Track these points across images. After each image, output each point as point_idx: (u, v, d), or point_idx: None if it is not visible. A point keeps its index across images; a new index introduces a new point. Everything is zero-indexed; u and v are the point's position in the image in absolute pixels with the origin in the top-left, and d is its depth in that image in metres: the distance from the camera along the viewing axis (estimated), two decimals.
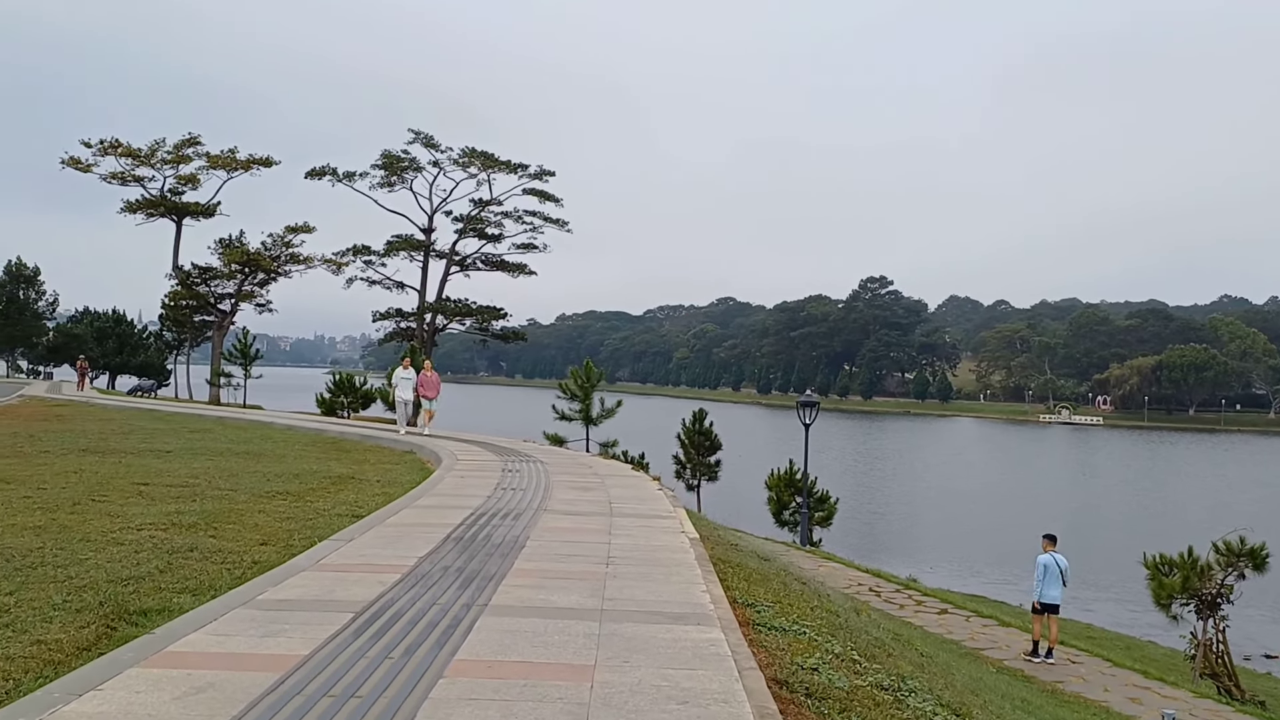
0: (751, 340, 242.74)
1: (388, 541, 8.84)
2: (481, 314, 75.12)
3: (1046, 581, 17.05)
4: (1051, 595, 17.03)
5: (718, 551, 10.07)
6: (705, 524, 13.62)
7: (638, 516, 11.18)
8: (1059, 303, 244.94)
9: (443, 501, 11.79)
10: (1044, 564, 17.20)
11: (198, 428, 26.70)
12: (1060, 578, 17.21)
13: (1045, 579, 17.09)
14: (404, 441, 23.42)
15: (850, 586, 20.90)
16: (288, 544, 9.73)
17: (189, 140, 69.89)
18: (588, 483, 14.79)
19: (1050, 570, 17.16)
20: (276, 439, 23.79)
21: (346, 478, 15.92)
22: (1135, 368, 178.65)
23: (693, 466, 36.20)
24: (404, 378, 26.61)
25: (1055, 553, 17.43)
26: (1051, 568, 17.18)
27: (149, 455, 18.38)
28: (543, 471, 16.21)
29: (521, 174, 73.85)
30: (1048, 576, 17.12)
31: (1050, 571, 17.15)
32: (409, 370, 26.73)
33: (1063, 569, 17.28)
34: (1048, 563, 17.21)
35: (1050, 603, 17.03)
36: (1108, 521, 59.13)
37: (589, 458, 22.09)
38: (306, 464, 17.98)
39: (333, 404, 41.79)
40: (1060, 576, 17.23)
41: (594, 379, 34.44)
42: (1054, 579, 17.12)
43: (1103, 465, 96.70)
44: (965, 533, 51.56)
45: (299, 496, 13.23)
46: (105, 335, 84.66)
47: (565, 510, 11.43)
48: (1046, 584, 17.05)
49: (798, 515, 30.70)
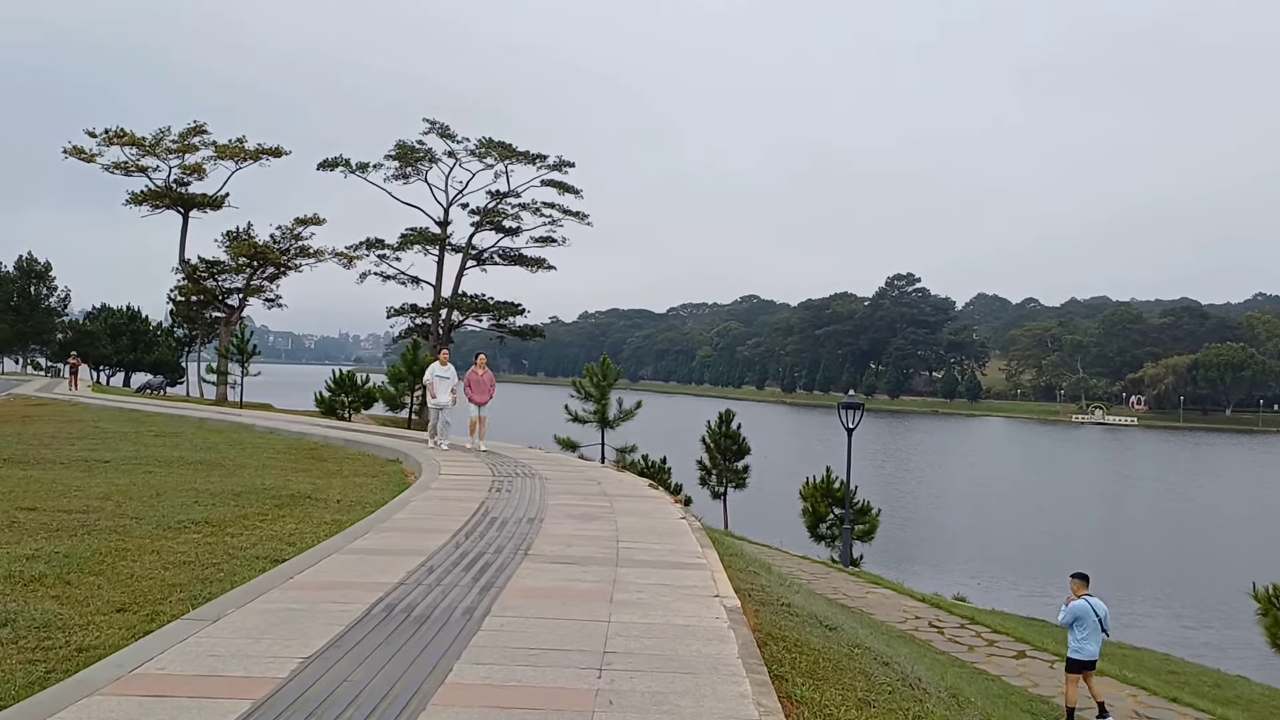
0: (776, 338, 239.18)
1: (269, 625, 5.85)
2: (499, 310, 72.57)
3: (1085, 634, 13.23)
4: (1090, 651, 13.20)
5: (767, 624, 7.06)
6: (740, 561, 10.59)
7: (654, 566, 8.14)
8: (1089, 300, 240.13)
9: (393, 542, 8.80)
10: (1076, 612, 13.32)
11: (168, 431, 23.92)
12: (1099, 626, 13.26)
13: (1080, 630, 13.25)
14: (391, 448, 20.51)
15: (906, 620, 17.87)
16: (153, 612, 6.83)
17: (195, 129, 67.52)
18: (592, 508, 11.78)
19: (1085, 619, 13.25)
20: (247, 445, 20.95)
21: (300, 497, 13.03)
22: (1170, 366, 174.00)
23: (719, 473, 33.19)
24: (441, 376, 20.74)
25: (1089, 596, 13.44)
26: (1086, 616, 13.26)
27: (76, 467, 15.53)
28: (540, 491, 13.22)
29: (540, 165, 71.28)
30: (1083, 628, 13.23)
31: (1085, 621, 13.24)
32: (448, 367, 20.96)
33: (1100, 616, 13.29)
34: (1081, 612, 13.29)
35: (1088, 659, 13.24)
36: (1153, 528, 55.74)
37: (600, 470, 18.96)
38: (262, 478, 15.11)
39: (333, 403, 39.03)
40: (1099, 625, 13.25)
41: (611, 377, 31.35)
42: (1092, 631, 13.21)
43: (1144, 468, 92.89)
44: (1004, 541, 48.33)
45: (220, 528, 10.32)
46: (119, 332, 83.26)
47: (555, 556, 8.41)
48: (1085, 636, 13.22)
49: (835, 529, 27.64)
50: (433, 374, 20.95)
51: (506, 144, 70.36)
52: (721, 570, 8.24)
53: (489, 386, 20.52)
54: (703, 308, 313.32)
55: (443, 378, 20.73)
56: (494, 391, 20.82)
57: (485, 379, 20.47)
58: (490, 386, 20.55)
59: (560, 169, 71.24)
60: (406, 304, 73.12)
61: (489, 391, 20.51)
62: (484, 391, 20.39)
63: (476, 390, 20.36)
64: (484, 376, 20.46)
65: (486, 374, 20.57)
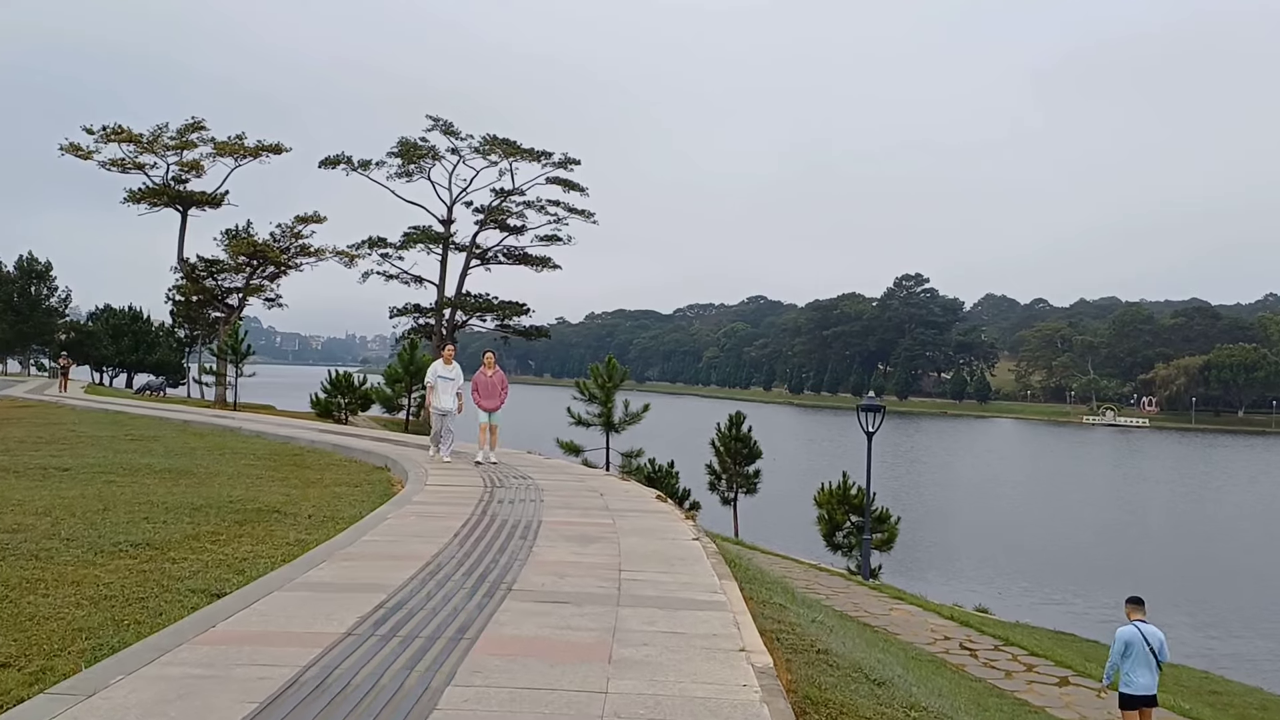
0: (783, 339, 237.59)
1: (157, 704, 4.46)
2: (503, 310, 71.34)
3: (1131, 663, 11.45)
4: (1141, 684, 11.39)
5: (804, 682, 5.67)
6: (762, 591, 9.19)
7: (664, 605, 6.73)
8: (1098, 301, 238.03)
9: (352, 574, 7.41)
10: (1125, 640, 11.49)
11: (146, 435, 22.61)
12: (1151, 658, 11.43)
13: (1128, 660, 11.47)
14: (380, 455, 19.14)
15: (935, 641, 16.47)
16: (41, 670, 5.49)
17: (193, 125, 66.06)
18: (592, 526, 10.38)
19: (1135, 647, 11.41)
20: (227, 451, 19.60)
21: (268, 511, 11.68)
22: (1182, 367, 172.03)
23: (729, 477, 31.79)
24: (444, 377, 17.92)
25: (1143, 621, 11.65)
26: (1136, 644, 11.42)
27: (30, 476, 14.19)
28: (535, 505, 11.83)
29: (545, 162, 69.90)
30: (1132, 657, 11.43)
31: (1135, 649, 11.41)
32: (453, 367, 18.21)
33: (1154, 646, 11.44)
34: (1131, 638, 11.46)
35: (1141, 694, 11.43)
36: (1170, 532, 54.22)
37: (603, 479, 17.41)
38: (232, 488, 13.77)
39: (328, 405, 37.63)
40: (1151, 657, 11.42)
41: (616, 377, 29.88)
42: (1141, 660, 11.39)
43: (1158, 470, 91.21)
44: (1018, 547, 46.83)
45: (163, 551, 8.96)
46: (121, 333, 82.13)
47: (544, 593, 7.02)
48: (1131, 667, 11.44)
49: (852, 538, 26.21)
50: (435, 374, 18.04)
51: (511, 141, 69.04)
52: (744, 608, 6.85)
53: (499, 389, 17.79)
54: (710, 308, 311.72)
55: (446, 379, 17.97)
56: (505, 395, 18.01)
57: (494, 381, 17.78)
58: (501, 389, 17.82)
59: (565, 166, 69.91)
60: (410, 304, 71.89)
61: (499, 395, 17.78)
62: (493, 395, 17.72)
63: (484, 394, 17.69)
64: (493, 378, 17.78)
65: (496, 374, 17.83)
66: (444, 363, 18.25)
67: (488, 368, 17.87)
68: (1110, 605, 36.28)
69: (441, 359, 18.52)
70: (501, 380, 17.93)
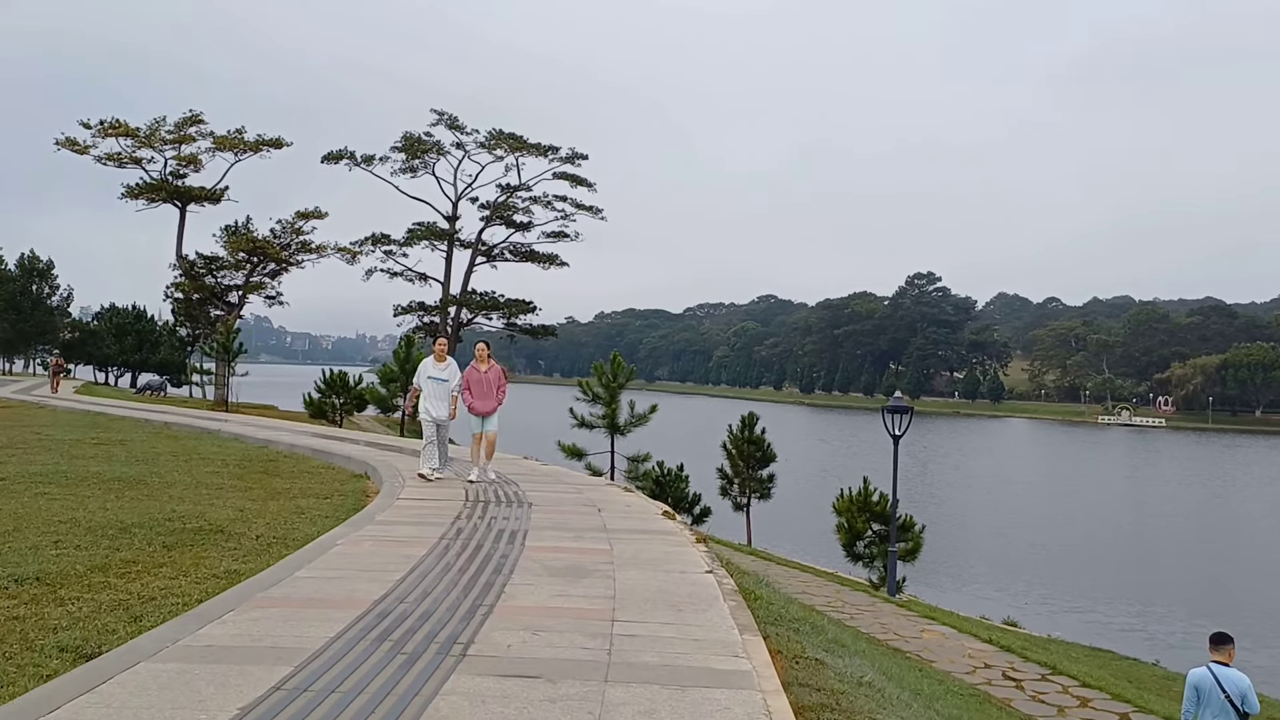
0: (794, 338, 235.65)
1: None
2: (510, 308, 69.85)
3: (1206, 712, 9.11)
4: None
5: None
6: (795, 640, 7.45)
7: (667, 682, 4.96)
8: (1111, 300, 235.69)
9: (263, 630, 5.69)
10: (1194, 684, 9.23)
11: (115, 439, 20.96)
12: (1231, 709, 8.97)
13: (1203, 709, 9.13)
14: (362, 460, 17.45)
15: (975, 671, 14.69)
16: None
17: (191, 119, 64.67)
18: (584, 553, 8.64)
19: (1208, 695, 9.09)
20: (195, 456, 17.93)
21: (210, 531, 10.01)
22: (1198, 367, 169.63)
23: (741, 482, 30.05)
24: (435, 378, 14.72)
25: (1221, 663, 9.26)
26: (1209, 691, 9.10)
27: None
28: (521, 524, 10.11)
29: (552, 157, 68.37)
30: (1205, 705, 9.10)
31: (1208, 698, 9.09)
32: (447, 364, 14.90)
33: (1231, 693, 8.98)
34: (1201, 683, 9.17)
35: None
36: (1194, 536, 52.24)
37: (603, 490, 15.42)
38: (181, 502, 12.13)
39: (322, 405, 36.00)
40: (1230, 708, 8.96)
41: (622, 376, 28.07)
42: (1217, 710, 9.03)
43: (1178, 471, 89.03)
44: (1038, 552, 44.98)
45: (55, 587, 7.29)
46: (124, 332, 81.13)
47: (508, 659, 5.28)
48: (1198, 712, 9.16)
49: (875, 548, 24.45)
50: (423, 375, 14.76)
51: (517, 135, 67.52)
52: (775, 680, 5.13)
53: (495, 388, 14.57)
54: (720, 308, 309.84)
55: (438, 379, 14.67)
56: (504, 394, 14.73)
57: (489, 377, 14.54)
58: (498, 388, 14.61)
59: (573, 161, 68.38)
60: (414, 302, 70.45)
61: (496, 395, 14.53)
62: (487, 395, 14.45)
63: (477, 394, 14.45)
64: (487, 374, 14.55)
65: (492, 370, 14.63)
66: (434, 360, 14.93)
67: (481, 362, 14.61)
68: (1132, 615, 34.57)
69: (432, 356, 15.18)
70: (498, 376, 14.71)
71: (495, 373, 14.67)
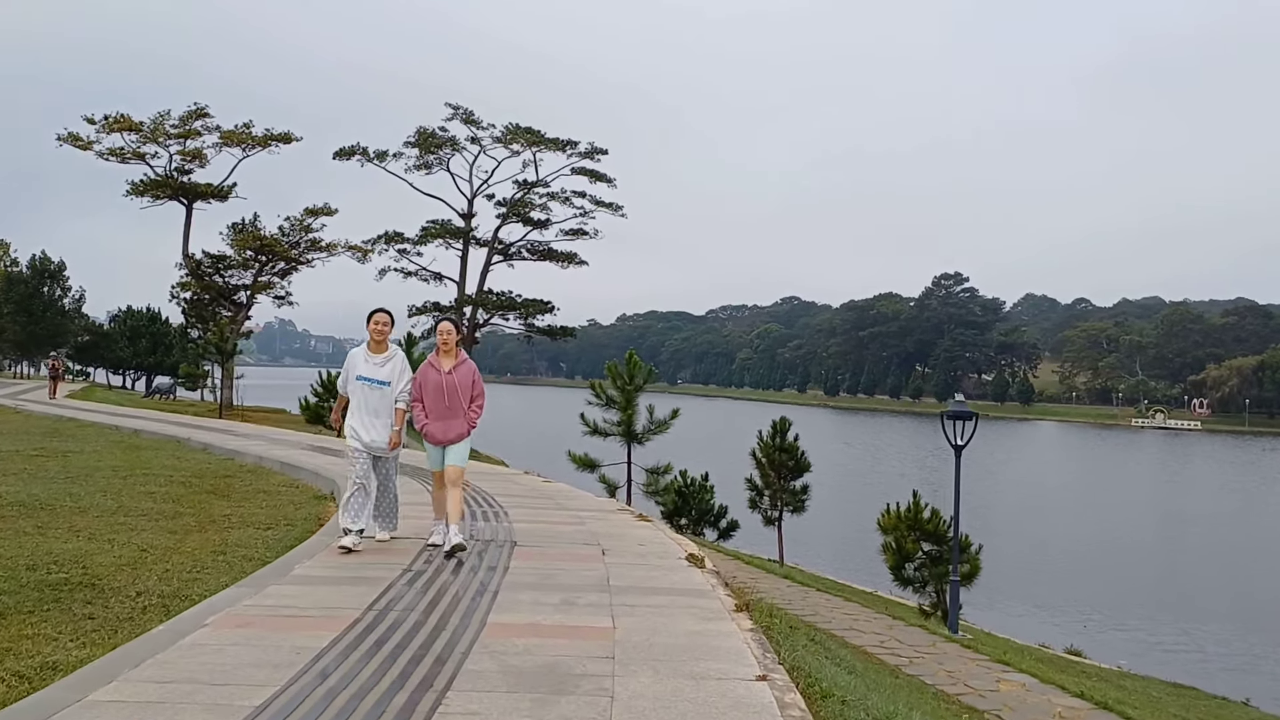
0: (818, 340, 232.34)
1: None
2: (527, 308, 67.30)
3: None
4: None
5: None
6: None
7: None
8: (1141, 300, 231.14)
9: None
10: None
11: (61, 449, 18.53)
12: None
13: None
14: (330, 476, 14.78)
15: None
16: None
17: (196, 112, 62.35)
18: (571, 638, 5.86)
19: None
20: (138, 472, 15.31)
21: (75, 586, 7.44)
22: (1234, 368, 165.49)
23: (773, 493, 27.22)
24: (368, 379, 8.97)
25: None
26: None
27: None
28: (489, 579, 7.36)
29: (570, 152, 65.81)
30: None
31: None
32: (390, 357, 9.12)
33: None
34: None
35: None
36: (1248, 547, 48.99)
37: (609, 519, 12.09)
38: (73, 538, 9.54)
39: (319, 409, 33.48)
40: None
41: (640, 378, 25.20)
42: None
43: (1222, 476, 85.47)
44: (1081, 565, 41.99)
45: None
46: (138, 334, 79.64)
47: None
48: None
49: (926, 571, 21.61)
50: (351, 372, 9.12)
51: (534, 130, 64.99)
52: None
53: (466, 398, 9.08)
54: (742, 310, 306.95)
55: (372, 381, 9.01)
56: (481, 406, 9.21)
57: (457, 380, 9.04)
58: (471, 398, 9.12)
59: (592, 156, 65.76)
60: (429, 302, 67.95)
61: (465, 411, 9.08)
62: (452, 411, 9.02)
63: (435, 410, 9.02)
64: (453, 375, 9.05)
65: (462, 368, 9.14)
66: (369, 349, 9.16)
67: (444, 355, 9.19)
68: (1178, 632, 31.61)
69: (369, 339, 9.23)
70: (470, 375, 9.18)
71: (466, 373, 9.16)
